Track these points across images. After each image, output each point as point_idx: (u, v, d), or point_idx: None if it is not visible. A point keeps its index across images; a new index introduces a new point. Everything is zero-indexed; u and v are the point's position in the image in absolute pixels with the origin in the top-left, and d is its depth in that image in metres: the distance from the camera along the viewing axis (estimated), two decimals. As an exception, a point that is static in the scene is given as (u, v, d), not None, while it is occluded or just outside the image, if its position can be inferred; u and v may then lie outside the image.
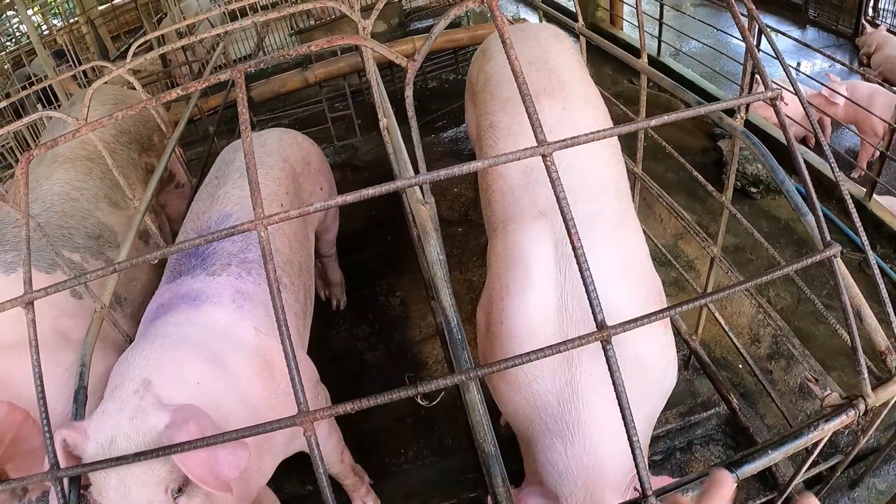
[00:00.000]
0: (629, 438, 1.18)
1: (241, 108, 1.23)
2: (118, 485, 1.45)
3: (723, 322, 2.56)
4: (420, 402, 1.90)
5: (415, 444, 2.79)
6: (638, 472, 1.14)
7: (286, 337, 1.15)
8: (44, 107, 5.61)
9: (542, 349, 1.26)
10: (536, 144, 1.30)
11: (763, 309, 2.32)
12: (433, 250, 1.50)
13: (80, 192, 2.57)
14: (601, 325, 1.16)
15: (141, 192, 2.88)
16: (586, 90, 2.23)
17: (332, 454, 2.29)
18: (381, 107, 2.21)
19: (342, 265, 3.44)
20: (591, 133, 1.23)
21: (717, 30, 5.33)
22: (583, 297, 1.74)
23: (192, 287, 1.97)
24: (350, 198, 1.20)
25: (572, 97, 2.14)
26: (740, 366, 2.95)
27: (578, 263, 1.23)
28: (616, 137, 2.12)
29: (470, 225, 3.73)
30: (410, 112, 1.66)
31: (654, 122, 1.19)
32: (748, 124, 2.09)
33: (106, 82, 2.46)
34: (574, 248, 1.20)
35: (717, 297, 1.15)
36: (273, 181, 2.43)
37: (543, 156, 1.24)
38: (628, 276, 1.83)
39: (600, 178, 1.97)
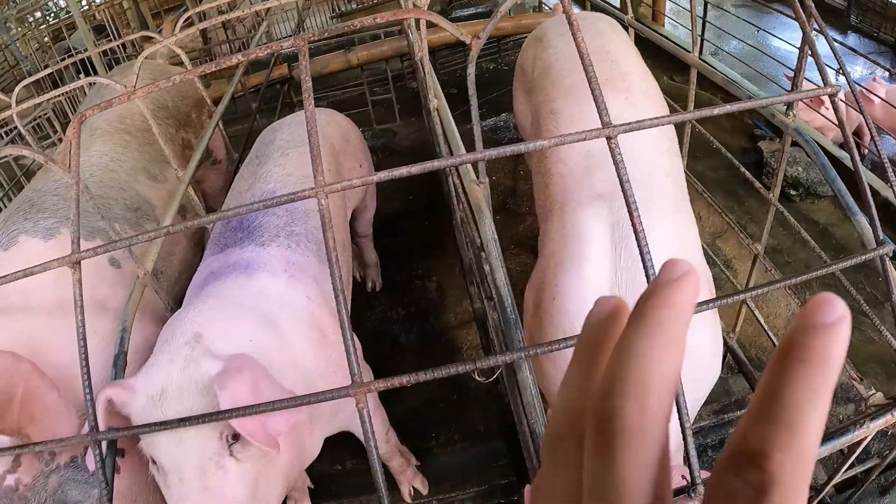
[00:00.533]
0: (682, 425, 1.17)
1: (304, 77, 1.23)
2: (170, 435, 1.43)
3: (762, 320, 2.54)
4: (477, 377, 1.88)
5: (446, 429, 2.79)
6: (689, 460, 1.13)
7: (342, 306, 1.15)
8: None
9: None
10: (600, 128, 1.31)
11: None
12: (488, 229, 1.50)
13: (118, 164, 2.56)
14: None
15: (179, 167, 2.90)
16: (647, 83, 2.23)
17: (378, 433, 2.28)
18: (430, 87, 2.20)
19: (378, 249, 3.45)
20: (655, 118, 1.23)
21: (761, 30, 5.27)
22: (636, 280, 1.74)
23: (243, 257, 1.97)
24: (415, 169, 1.21)
25: (634, 89, 2.14)
26: (775, 367, 2.92)
27: (639, 243, 1.24)
28: (674, 133, 2.13)
29: (508, 214, 3.73)
30: (472, 90, 1.67)
31: (715, 111, 1.19)
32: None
33: (149, 57, 2.47)
34: (635, 229, 1.21)
35: (760, 292, 1.15)
36: (306, 163, 2.43)
37: (608, 137, 1.25)
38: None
39: (659, 167, 1.97)
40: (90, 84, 3.85)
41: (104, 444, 1.26)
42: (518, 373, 1.27)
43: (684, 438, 1.15)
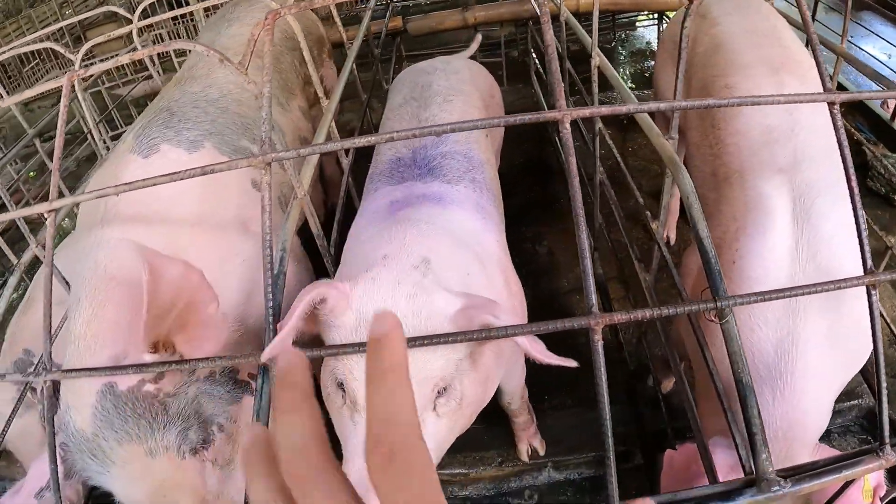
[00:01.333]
0: (877, 388, 1.20)
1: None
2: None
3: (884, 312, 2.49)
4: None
5: (559, 392, 2.77)
6: (880, 423, 1.18)
7: (584, 234, 1.14)
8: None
9: (809, 285, 1.24)
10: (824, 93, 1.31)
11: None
12: (687, 182, 1.47)
13: (254, 86, 2.51)
14: (870, 271, 1.19)
15: (301, 100, 2.89)
16: (813, 73, 2.18)
17: (518, 386, 2.26)
18: (594, 44, 2.16)
19: (488, 210, 3.40)
20: (873, 91, 1.21)
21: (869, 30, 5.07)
22: (816, 255, 1.75)
23: (431, 190, 1.92)
24: (605, 110, 1.20)
25: (808, 78, 2.12)
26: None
27: (853, 204, 1.24)
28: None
29: (619, 187, 3.65)
30: (683, 44, 1.64)
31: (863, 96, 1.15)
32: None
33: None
34: (851, 193, 1.27)
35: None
36: (475, 109, 2.44)
37: (831, 103, 1.27)
38: (854, 245, 1.79)
39: (830, 155, 1.93)
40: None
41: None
42: (725, 324, 1.23)
43: (878, 400, 1.19)
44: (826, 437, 2.58)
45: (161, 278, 1.41)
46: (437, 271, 1.48)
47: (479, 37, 3.77)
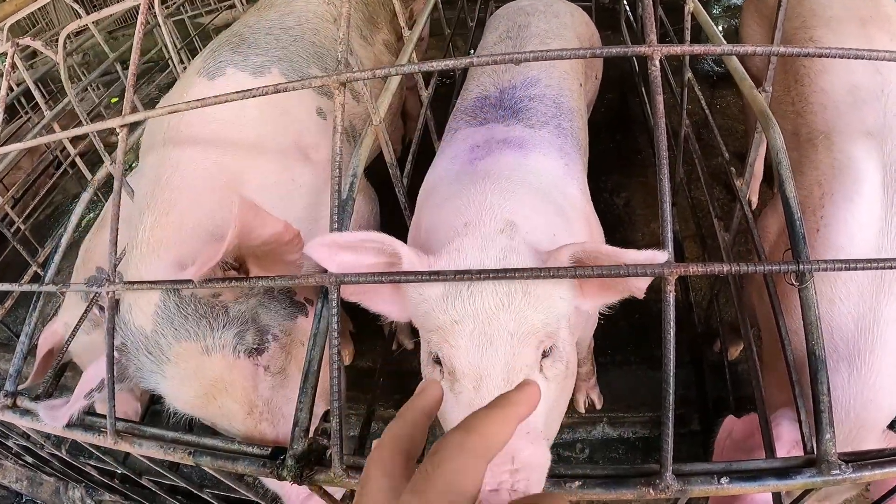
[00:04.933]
0: None
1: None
2: (477, 331, 1.25)
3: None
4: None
5: (623, 350, 2.72)
6: None
7: (665, 177, 1.08)
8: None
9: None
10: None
11: None
12: (777, 137, 1.40)
13: (334, 17, 2.48)
14: None
15: (387, 33, 2.84)
16: None
17: (588, 335, 2.18)
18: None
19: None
20: None
21: None
22: None
23: (513, 134, 1.84)
24: (698, 48, 1.11)
25: None
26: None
27: None
28: None
29: (703, 145, 3.54)
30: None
31: None
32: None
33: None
34: None
35: None
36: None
37: None
38: None
39: None
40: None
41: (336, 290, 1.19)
42: (804, 291, 1.17)
43: None
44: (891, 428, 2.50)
45: (252, 231, 1.40)
46: (525, 234, 1.40)
47: None
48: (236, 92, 1.23)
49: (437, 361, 1.33)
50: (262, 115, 1.92)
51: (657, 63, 1.06)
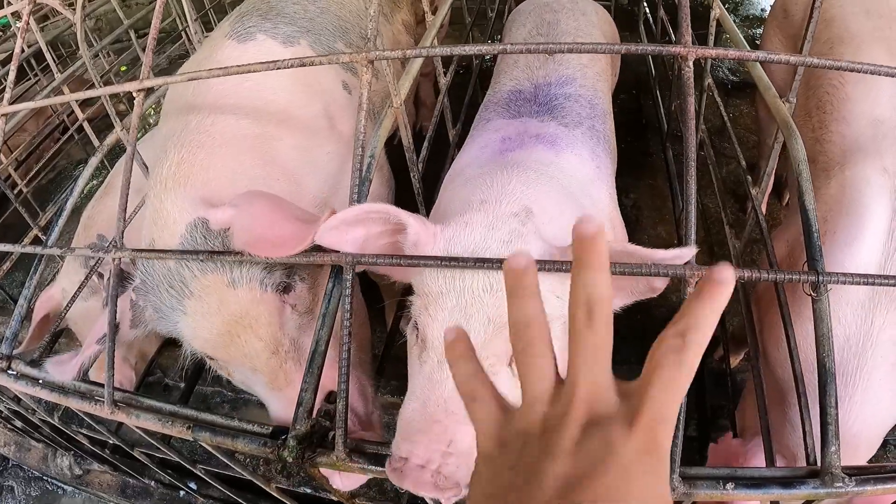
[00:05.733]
0: None
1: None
2: (458, 307, 1.23)
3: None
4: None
5: (625, 347, 2.68)
6: None
7: (692, 179, 1.07)
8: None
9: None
10: None
11: None
12: (799, 148, 1.40)
13: None
14: None
15: (407, 14, 2.83)
16: None
17: None
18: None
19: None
20: None
21: None
22: None
23: (546, 131, 1.80)
24: (732, 53, 1.10)
25: None
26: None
27: None
28: None
29: (716, 153, 3.55)
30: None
31: None
32: None
33: None
34: None
35: None
36: (602, 56, 2.30)
37: None
38: None
39: None
40: None
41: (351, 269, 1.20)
42: (817, 303, 1.17)
43: None
44: (883, 447, 2.48)
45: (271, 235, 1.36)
46: (540, 223, 1.36)
47: None
48: (260, 63, 1.21)
49: (415, 326, 1.32)
50: (294, 81, 1.90)
51: (691, 64, 1.06)
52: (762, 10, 5.22)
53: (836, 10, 2.20)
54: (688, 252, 1.05)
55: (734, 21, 5.08)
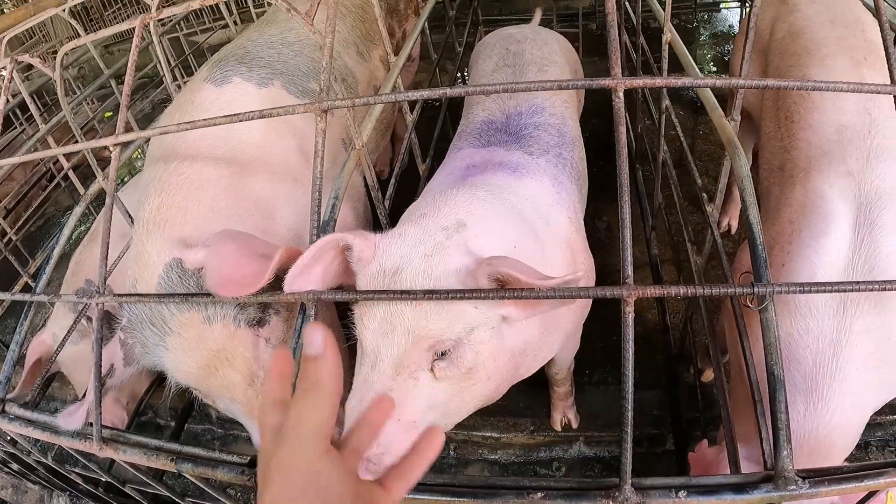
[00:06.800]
0: None
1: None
2: (384, 319, 1.32)
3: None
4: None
5: (601, 369, 2.78)
6: None
7: (626, 204, 1.14)
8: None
9: (852, 282, 1.20)
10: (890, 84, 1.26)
11: None
12: (743, 165, 1.45)
13: (318, 36, 2.58)
14: None
15: (383, 49, 2.93)
16: None
17: (569, 357, 2.26)
18: (666, 19, 2.13)
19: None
20: None
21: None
22: (872, 271, 1.65)
23: (510, 158, 1.88)
24: (659, 82, 1.17)
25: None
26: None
27: None
28: None
29: (685, 170, 3.60)
30: (752, 23, 1.61)
31: None
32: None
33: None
34: None
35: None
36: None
37: None
38: None
39: None
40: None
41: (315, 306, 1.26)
42: (764, 313, 1.20)
43: None
44: (864, 448, 2.56)
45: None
46: (471, 236, 1.42)
47: (538, 12, 3.67)
48: (224, 116, 1.29)
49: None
50: (268, 120, 1.95)
51: (620, 96, 1.12)
52: (730, 26, 5.33)
53: (804, 21, 2.27)
54: (579, 276, 1.15)
55: (704, 38, 5.21)
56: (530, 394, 2.61)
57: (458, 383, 1.39)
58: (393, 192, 2.13)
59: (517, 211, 1.65)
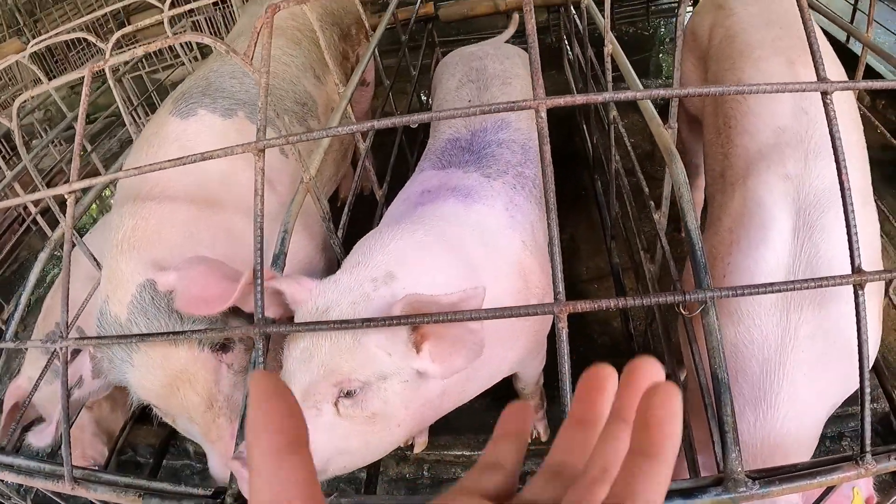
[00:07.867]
0: (861, 395, 1.14)
1: None
2: (305, 348, 1.40)
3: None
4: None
5: (573, 380, 2.77)
6: (861, 429, 1.13)
7: (554, 222, 1.19)
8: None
9: (789, 282, 1.22)
10: (816, 81, 1.30)
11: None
12: (680, 173, 1.48)
13: (290, 59, 2.68)
14: (858, 270, 1.14)
15: (339, 74, 2.98)
16: (839, 71, 2.07)
17: (536, 372, 2.27)
18: (607, 31, 2.16)
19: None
20: (873, 81, 1.20)
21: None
22: (814, 275, 1.63)
23: (465, 183, 1.91)
24: (580, 99, 1.23)
25: (829, 72, 2.04)
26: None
27: (844, 207, 1.22)
28: (861, 124, 1.99)
29: (646, 177, 3.65)
30: (679, 31, 1.67)
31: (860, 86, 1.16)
32: None
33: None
34: (842, 186, 1.23)
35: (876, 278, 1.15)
36: (528, 94, 2.42)
37: (824, 93, 1.25)
38: (865, 260, 1.75)
39: (851, 157, 1.83)
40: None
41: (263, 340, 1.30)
42: (705, 317, 1.23)
43: (861, 408, 1.14)
44: (838, 440, 2.58)
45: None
46: (399, 289, 1.47)
47: (515, 18, 3.77)
48: (170, 160, 1.33)
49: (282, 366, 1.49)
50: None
51: (543, 115, 1.15)
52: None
53: (739, 25, 2.27)
54: (473, 292, 1.23)
55: (668, 45, 5.27)
56: (498, 409, 2.62)
57: (360, 425, 1.42)
58: (347, 221, 2.16)
59: (458, 245, 1.69)
